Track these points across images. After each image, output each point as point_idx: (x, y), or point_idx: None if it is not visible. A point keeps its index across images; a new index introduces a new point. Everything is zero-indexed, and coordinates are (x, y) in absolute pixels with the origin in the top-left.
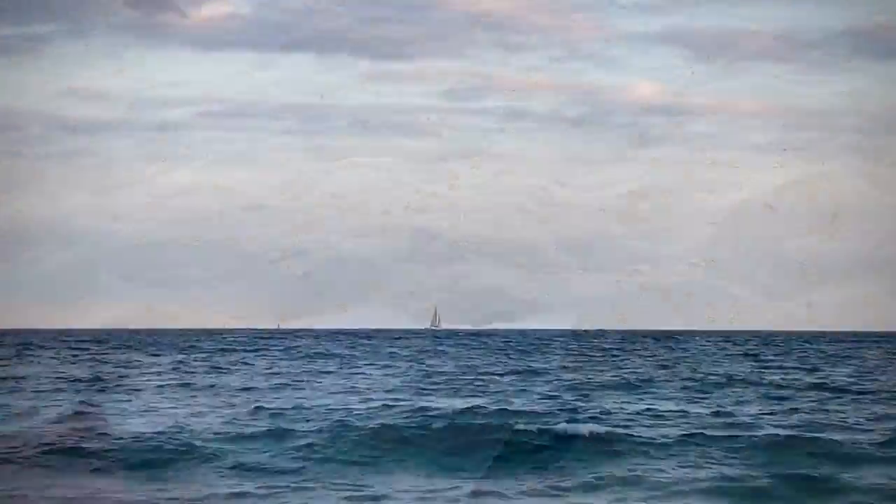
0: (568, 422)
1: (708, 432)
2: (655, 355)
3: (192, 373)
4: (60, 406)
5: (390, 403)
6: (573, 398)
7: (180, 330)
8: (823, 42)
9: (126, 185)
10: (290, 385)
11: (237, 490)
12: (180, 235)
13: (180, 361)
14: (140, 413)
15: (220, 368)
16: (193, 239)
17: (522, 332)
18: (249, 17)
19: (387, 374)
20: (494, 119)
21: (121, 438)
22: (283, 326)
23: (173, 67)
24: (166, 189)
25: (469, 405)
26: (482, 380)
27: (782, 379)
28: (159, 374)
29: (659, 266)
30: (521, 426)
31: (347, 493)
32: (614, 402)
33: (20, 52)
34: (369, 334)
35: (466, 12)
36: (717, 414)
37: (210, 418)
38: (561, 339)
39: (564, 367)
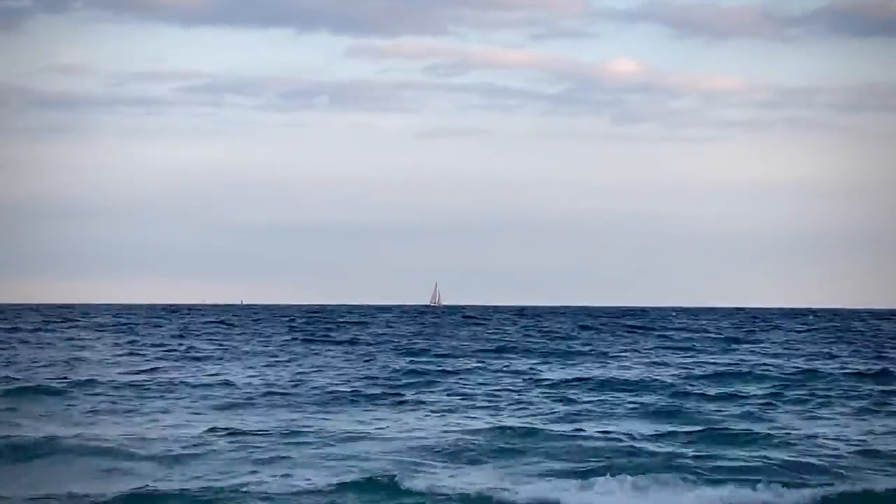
0: None
1: None
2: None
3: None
4: None
5: None
6: None
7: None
8: (803, 19)
9: (106, 160)
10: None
11: None
12: (159, 208)
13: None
14: None
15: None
16: (172, 212)
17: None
18: None
19: None
20: (475, 95)
21: None
22: (246, 302)
23: (154, 43)
24: (146, 163)
25: None
26: None
27: None
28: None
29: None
30: None
31: None
32: None
33: None
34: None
35: None
36: None
37: None
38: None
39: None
